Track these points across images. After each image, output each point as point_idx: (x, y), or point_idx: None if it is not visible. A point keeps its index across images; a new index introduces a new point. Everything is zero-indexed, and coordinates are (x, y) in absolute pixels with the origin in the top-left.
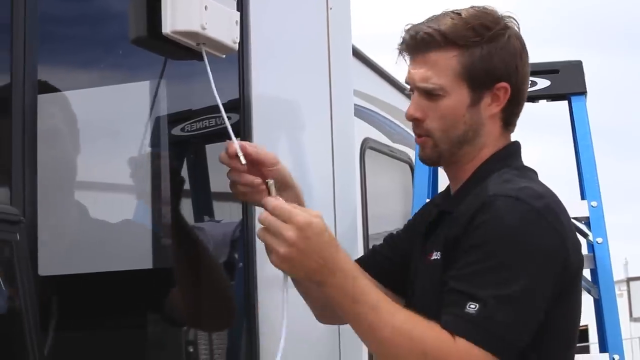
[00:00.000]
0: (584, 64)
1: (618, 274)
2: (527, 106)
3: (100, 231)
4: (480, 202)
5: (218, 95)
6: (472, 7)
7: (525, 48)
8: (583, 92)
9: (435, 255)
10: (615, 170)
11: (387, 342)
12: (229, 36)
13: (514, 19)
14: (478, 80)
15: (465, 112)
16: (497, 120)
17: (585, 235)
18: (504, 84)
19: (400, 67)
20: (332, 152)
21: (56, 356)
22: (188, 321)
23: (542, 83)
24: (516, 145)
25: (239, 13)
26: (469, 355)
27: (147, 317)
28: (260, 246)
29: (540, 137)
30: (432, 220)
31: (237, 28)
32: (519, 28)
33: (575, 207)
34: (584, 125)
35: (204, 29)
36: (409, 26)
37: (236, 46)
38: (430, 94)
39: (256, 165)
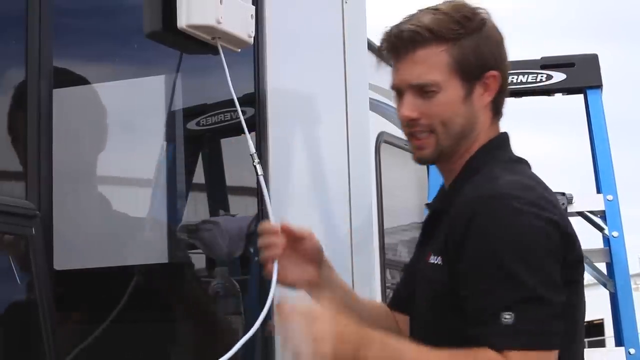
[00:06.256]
0: (599, 57)
1: (634, 267)
2: (543, 99)
3: (114, 225)
4: (473, 206)
5: (234, 90)
6: (446, 2)
7: (503, 36)
8: (599, 86)
9: (435, 260)
10: (632, 163)
11: None
12: (245, 30)
13: (484, 9)
14: (469, 72)
15: (461, 105)
16: (488, 110)
17: (600, 228)
18: (493, 72)
19: (381, 72)
20: (347, 146)
21: (71, 349)
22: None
23: (558, 76)
24: (505, 136)
25: (254, 7)
26: None
27: (162, 311)
28: None
29: (556, 130)
30: (427, 220)
31: (253, 22)
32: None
33: (590, 200)
34: (600, 118)
35: (219, 23)
36: (388, 28)
37: (251, 40)
38: (424, 91)
39: (294, 240)
